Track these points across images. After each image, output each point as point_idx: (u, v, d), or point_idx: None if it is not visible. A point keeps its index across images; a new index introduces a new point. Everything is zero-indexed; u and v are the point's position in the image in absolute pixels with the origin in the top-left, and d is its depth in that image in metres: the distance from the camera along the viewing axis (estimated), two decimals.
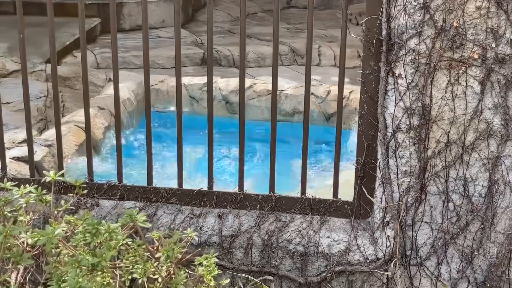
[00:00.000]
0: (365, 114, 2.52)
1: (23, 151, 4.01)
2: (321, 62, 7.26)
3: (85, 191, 2.59)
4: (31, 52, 6.12)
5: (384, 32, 2.39)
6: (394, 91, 2.41)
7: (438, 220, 2.48)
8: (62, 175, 2.46)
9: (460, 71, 2.31)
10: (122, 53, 6.88)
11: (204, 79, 5.99)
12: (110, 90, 5.48)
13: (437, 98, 2.36)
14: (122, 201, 2.76)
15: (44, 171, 2.63)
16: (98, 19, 7.68)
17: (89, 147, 2.81)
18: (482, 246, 2.47)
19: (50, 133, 4.51)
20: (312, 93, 5.79)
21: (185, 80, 6.04)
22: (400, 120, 2.42)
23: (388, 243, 2.54)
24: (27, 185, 2.49)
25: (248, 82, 5.99)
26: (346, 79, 7.13)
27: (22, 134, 4.96)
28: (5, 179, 2.57)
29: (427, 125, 2.38)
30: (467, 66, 2.30)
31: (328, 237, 2.59)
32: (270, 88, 5.83)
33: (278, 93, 5.84)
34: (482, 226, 2.44)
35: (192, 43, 7.64)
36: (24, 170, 3.70)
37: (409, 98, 2.38)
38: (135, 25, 8.04)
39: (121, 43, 7.35)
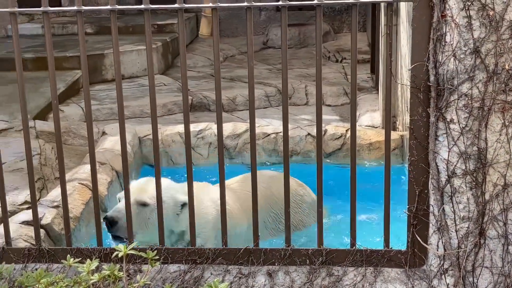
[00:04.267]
0: (415, 161, 2.49)
1: (30, 214, 3.86)
2: (309, 101, 7.29)
3: (157, 263, 2.45)
4: (16, 109, 5.97)
5: (432, 78, 2.38)
6: (446, 136, 2.39)
7: (499, 264, 2.45)
8: (133, 248, 2.33)
9: None
10: (109, 105, 6.78)
11: (199, 126, 5.93)
12: (106, 143, 5.35)
13: (492, 141, 2.35)
14: (166, 265, 2.65)
15: (114, 246, 2.50)
16: (80, 71, 7.56)
17: (129, 211, 2.70)
18: None
19: (55, 193, 4.35)
20: (309, 134, 5.77)
21: (179, 128, 5.97)
22: (455, 165, 2.39)
23: None
24: (71, 257, 2.36)
25: (242, 126, 5.95)
26: (336, 117, 7.16)
27: (22, 196, 4.77)
28: (68, 255, 2.43)
29: (483, 169, 2.37)
30: None
31: None
32: (266, 131, 5.88)
33: (274, 135, 5.90)
34: None
35: (178, 89, 7.60)
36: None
37: (464, 143, 2.36)
38: None
39: (107, 94, 7.26)
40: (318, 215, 2.66)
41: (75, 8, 2.48)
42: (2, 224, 2.82)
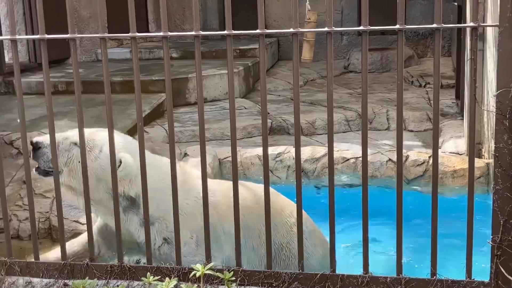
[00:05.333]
0: (500, 189, 2.40)
1: None
2: (390, 126, 7.18)
3: (234, 284, 2.49)
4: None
5: None
6: None
7: None
8: (211, 268, 2.38)
9: None
10: (192, 127, 6.94)
11: (278, 149, 5.96)
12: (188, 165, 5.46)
13: None
14: (243, 287, 2.67)
15: (192, 266, 2.56)
16: (165, 94, 7.80)
17: (208, 236, 2.75)
18: None
19: None
20: (389, 159, 5.68)
21: (258, 150, 6.03)
22: None
23: None
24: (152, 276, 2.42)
25: (321, 150, 5.93)
26: (419, 142, 7.01)
27: None
28: (148, 273, 2.51)
29: None
30: None
31: None
32: (345, 155, 5.83)
33: (354, 160, 5.84)
34: None
35: (258, 113, 7.68)
36: None
37: None
38: None
39: (189, 117, 7.44)
40: (398, 242, 2.60)
41: (161, 34, 2.58)
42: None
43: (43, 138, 3.01)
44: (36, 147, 2.99)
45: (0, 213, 2.95)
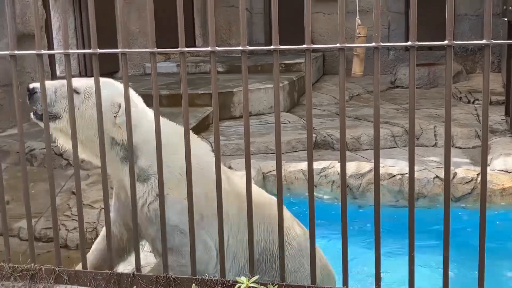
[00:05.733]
0: None
1: None
2: (438, 143, 7.08)
3: None
4: None
5: None
6: None
7: None
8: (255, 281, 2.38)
9: None
10: (236, 140, 6.98)
11: (322, 164, 5.94)
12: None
13: None
14: None
15: (237, 278, 2.57)
16: (211, 108, 7.89)
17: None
18: None
19: None
20: (437, 176, 5.59)
21: (302, 165, 6.02)
22: None
23: None
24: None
25: (366, 166, 5.88)
26: (467, 160, 6.88)
27: None
28: (194, 285, 2.53)
29: None
30: None
31: None
32: (391, 171, 5.76)
33: (400, 176, 5.76)
34: None
35: (302, 127, 7.68)
36: None
37: None
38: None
39: (234, 130, 7.49)
40: (445, 261, 2.55)
41: (209, 49, 2.62)
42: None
43: (37, 85, 2.91)
44: (32, 92, 2.91)
45: (51, 223, 3.02)
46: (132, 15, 10.09)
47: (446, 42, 2.42)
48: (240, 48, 2.59)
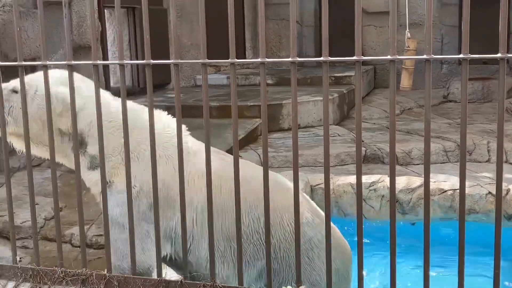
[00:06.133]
0: None
1: None
2: (491, 158, 6.91)
3: None
4: None
5: None
6: None
7: None
8: None
9: None
10: (284, 152, 6.99)
11: (371, 178, 5.88)
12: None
13: None
14: None
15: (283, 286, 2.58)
16: (259, 119, 7.93)
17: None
18: None
19: None
20: (489, 192, 5.46)
21: (350, 179, 5.97)
22: None
23: None
24: None
25: (417, 180, 5.79)
26: None
27: None
28: None
29: None
30: None
31: None
32: (442, 187, 5.65)
33: (451, 192, 5.65)
34: None
35: (351, 140, 7.63)
36: None
37: None
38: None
39: (282, 142, 7.50)
40: (495, 279, 2.49)
41: (259, 60, 2.64)
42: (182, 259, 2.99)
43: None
44: None
45: (102, 230, 3.09)
46: (184, 28, 10.26)
47: (499, 55, 2.37)
48: (289, 59, 2.60)
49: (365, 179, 5.95)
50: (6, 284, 2.92)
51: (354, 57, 2.53)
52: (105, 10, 8.66)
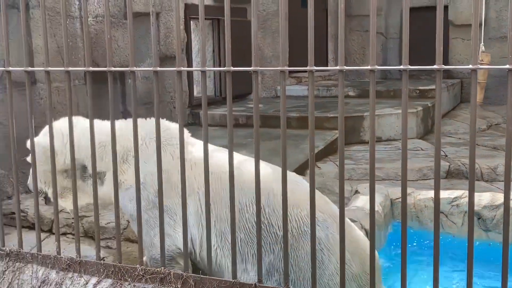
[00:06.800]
0: None
1: None
2: None
3: None
4: (277, 163, 6.44)
5: None
6: None
7: None
8: None
9: None
10: (364, 165, 6.92)
11: (454, 193, 5.72)
12: (358, 202, 5.46)
13: None
14: None
15: None
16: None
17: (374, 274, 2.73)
18: None
19: None
20: None
21: (432, 193, 5.83)
22: None
23: None
24: None
25: (501, 197, 5.58)
26: None
27: None
28: None
29: None
30: None
31: None
32: None
33: None
34: None
35: None
36: None
37: None
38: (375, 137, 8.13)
39: (362, 155, 7.44)
40: None
41: (337, 67, 2.66)
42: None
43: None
44: None
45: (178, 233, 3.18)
46: (266, 39, 10.40)
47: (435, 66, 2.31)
48: (368, 67, 2.60)
49: (447, 194, 5.78)
50: (89, 280, 3.07)
51: (435, 66, 2.49)
52: (191, 22, 8.92)
